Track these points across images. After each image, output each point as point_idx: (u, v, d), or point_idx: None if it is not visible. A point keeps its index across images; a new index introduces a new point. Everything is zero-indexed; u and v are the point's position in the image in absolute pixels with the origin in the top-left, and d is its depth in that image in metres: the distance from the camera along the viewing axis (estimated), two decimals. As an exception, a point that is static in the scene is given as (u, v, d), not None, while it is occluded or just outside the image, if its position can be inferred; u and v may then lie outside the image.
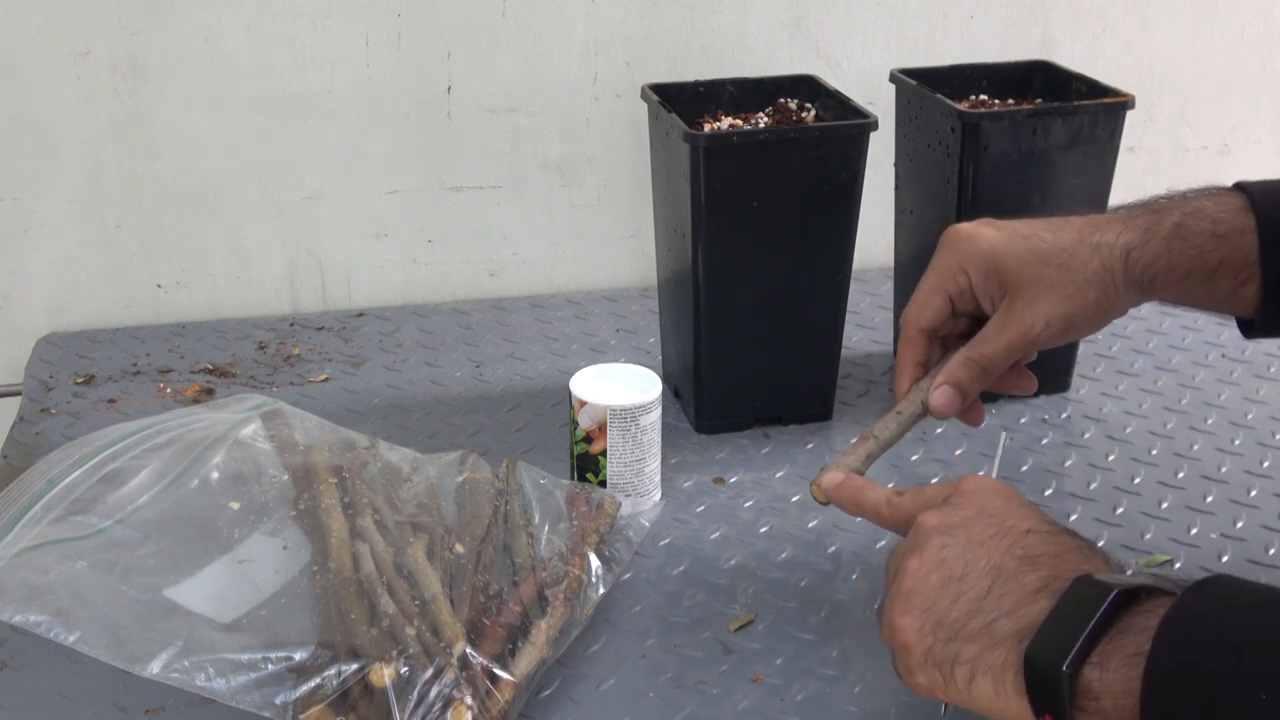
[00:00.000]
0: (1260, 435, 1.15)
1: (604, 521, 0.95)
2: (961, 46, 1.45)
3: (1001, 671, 0.63)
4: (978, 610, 0.66)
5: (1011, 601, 0.65)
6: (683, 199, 1.08)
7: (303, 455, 0.95)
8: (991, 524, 0.69)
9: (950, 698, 0.67)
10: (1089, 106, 1.11)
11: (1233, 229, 0.83)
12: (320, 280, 1.41)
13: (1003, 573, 0.66)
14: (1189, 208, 0.84)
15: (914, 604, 0.68)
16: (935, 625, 0.66)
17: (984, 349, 0.85)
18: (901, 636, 0.68)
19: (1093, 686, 0.60)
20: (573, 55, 1.38)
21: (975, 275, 0.86)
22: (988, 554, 0.67)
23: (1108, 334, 1.33)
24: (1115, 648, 0.60)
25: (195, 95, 1.32)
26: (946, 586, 0.67)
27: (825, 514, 1.04)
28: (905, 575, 0.69)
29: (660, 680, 0.86)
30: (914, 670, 0.67)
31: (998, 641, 0.64)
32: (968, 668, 0.65)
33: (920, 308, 0.88)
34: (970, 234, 0.86)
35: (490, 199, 1.42)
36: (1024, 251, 0.84)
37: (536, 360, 1.29)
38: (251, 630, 0.79)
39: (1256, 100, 1.56)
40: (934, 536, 0.69)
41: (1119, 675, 0.59)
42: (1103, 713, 0.60)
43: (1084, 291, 0.83)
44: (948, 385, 0.86)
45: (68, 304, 1.37)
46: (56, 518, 0.85)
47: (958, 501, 0.71)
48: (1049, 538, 0.68)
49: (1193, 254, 0.83)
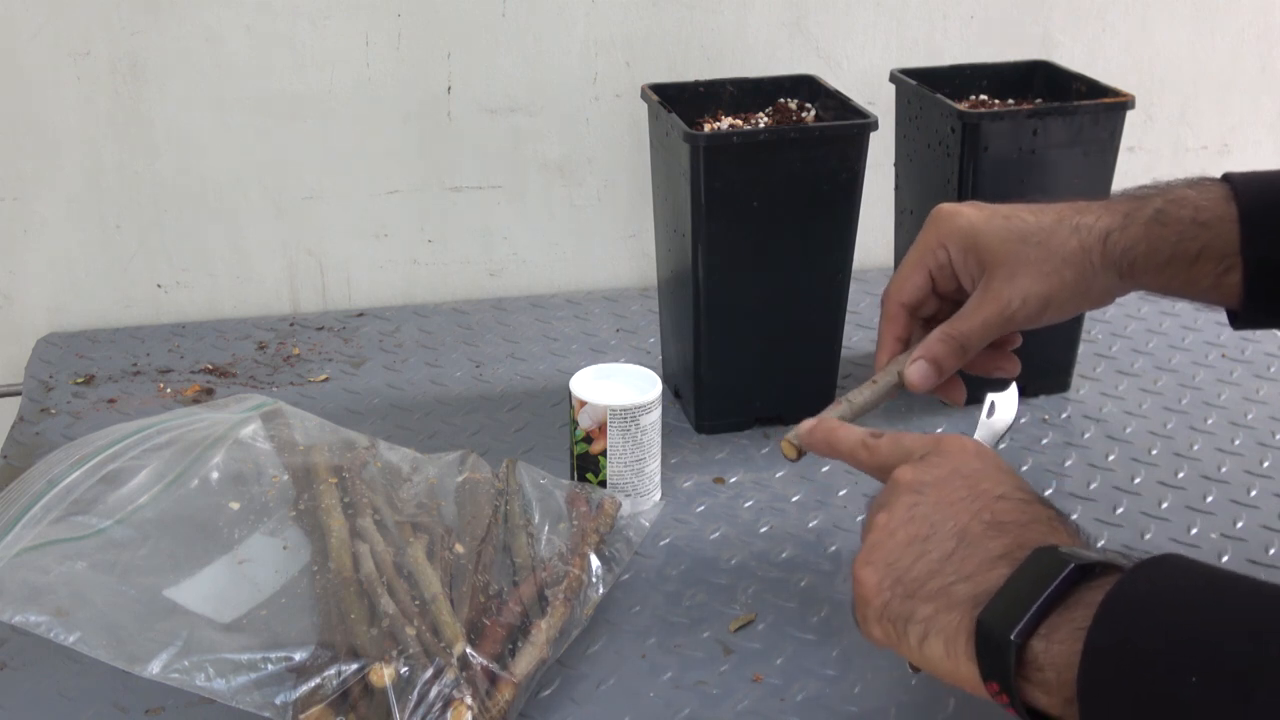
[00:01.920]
0: (1260, 435, 1.15)
1: (604, 521, 0.95)
2: (961, 46, 1.45)
3: (954, 635, 0.64)
4: (938, 571, 0.66)
5: (972, 566, 0.65)
6: (683, 199, 1.08)
7: (303, 455, 0.95)
8: (965, 486, 0.68)
9: (903, 654, 0.67)
10: (1089, 106, 1.11)
11: (1214, 217, 0.83)
12: (320, 280, 1.41)
13: (968, 536, 0.66)
14: (1171, 195, 0.85)
15: (876, 557, 0.68)
16: (895, 581, 0.66)
17: (961, 325, 0.86)
18: (861, 589, 0.68)
19: (1038, 658, 0.60)
20: (573, 55, 1.38)
21: (954, 251, 0.86)
22: (956, 516, 0.67)
23: (1108, 334, 1.33)
24: (1064, 621, 0.60)
25: (195, 95, 1.32)
26: (911, 544, 0.67)
27: (825, 514, 1.04)
28: (874, 529, 0.69)
29: (660, 680, 0.86)
30: (870, 621, 0.68)
31: (953, 604, 0.64)
32: (921, 627, 0.65)
33: (901, 283, 0.88)
34: (952, 212, 0.87)
35: (490, 199, 1.42)
36: (1003, 229, 0.85)
37: (536, 360, 1.29)
38: (251, 630, 0.79)
39: (1256, 100, 1.56)
40: (906, 493, 0.69)
41: (1063, 648, 0.59)
42: (1046, 684, 0.60)
43: (1061, 270, 0.84)
44: (924, 360, 0.86)
45: (68, 304, 1.37)
46: (56, 518, 0.85)
47: (934, 459, 0.71)
48: (1020, 505, 0.67)
49: (1173, 240, 0.83)
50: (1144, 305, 1.39)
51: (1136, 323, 1.36)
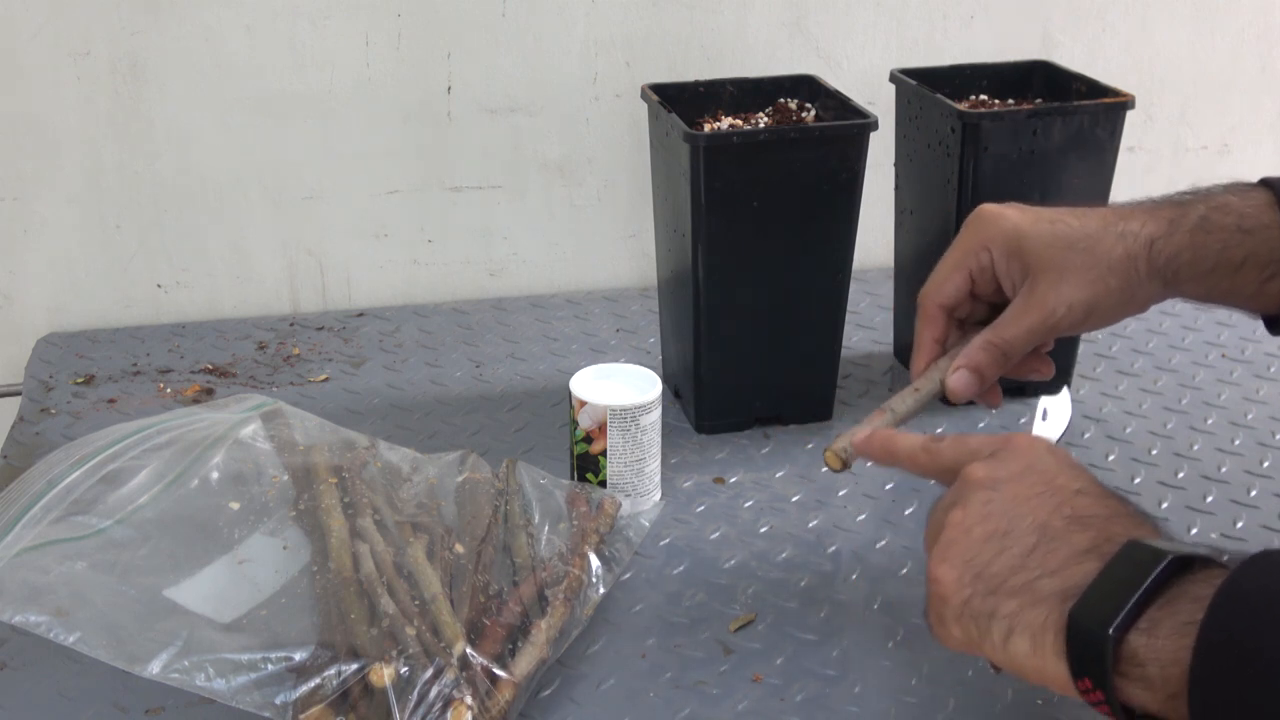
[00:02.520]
0: (1260, 435, 1.15)
1: (604, 521, 0.95)
2: (961, 46, 1.45)
3: (1041, 630, 0.62)
4: (1021, 567, 0.64)
5: (1057, 560, 0.63)
6: (683, 199, 1.08)
7: (303, 455, 0.95)
8: (1040, 481, 0.67)
9: (984, 653, 0.65)
10: (1089, 106, 1.11)
11: (1259, 224, 0.82)
12: (320, 280, 1.41)
13: (1049, 531, 0.65)
14: (1214, 202, 0.84)
15: (954, 554, 0.66)
16: (975, 578, 0.65)
17: (1004, 333, 0.85)
18: (939, 587, 0.66)
19: (1138, 653, 0.58)
20: (573, 55, 1.38)
21: (998, 255, 0.85)
22: (1034, 511, 0.66)
23: (1108, 334, 1.33)
24: (1165, 615, 0.58)
25: (195, 95, 1.32)
26: (990, 540, 0.66)
27: (825, 514, 1.04)
28: (948, 526, 0.68)
29: (660, 680, 0.86)
30: (948, 621, 0.66)
31: (1039, 600, 0.63)
32: (1005, 623, 0.63)
33: (940, 283, 0.87)
34: (996, 214, 0.86)
35: (490, 199, 1.42)
36: (1048, 235, 0.84)
37: (536, 360, 1.29)
38: (251, 630, 0.79)
39: (1256, 100, 1.56)
40: (980, 490, 0.68)
41: (1168, 643, 0.58)
42: (1146, 680, 0.58)
43: (1107, 278, 0.83)
44: (966, 369, 0.85)
45: (68, 304, 1.37)
46: (56, 518, 0.85)
47: (1005, 456, 0.70)
48: (1100, 500, 0.66)
49: (1217, 248, 0.82)
50: (1144, 305, 1.39)
51: (1136, 323, 1.36)
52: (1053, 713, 0.83)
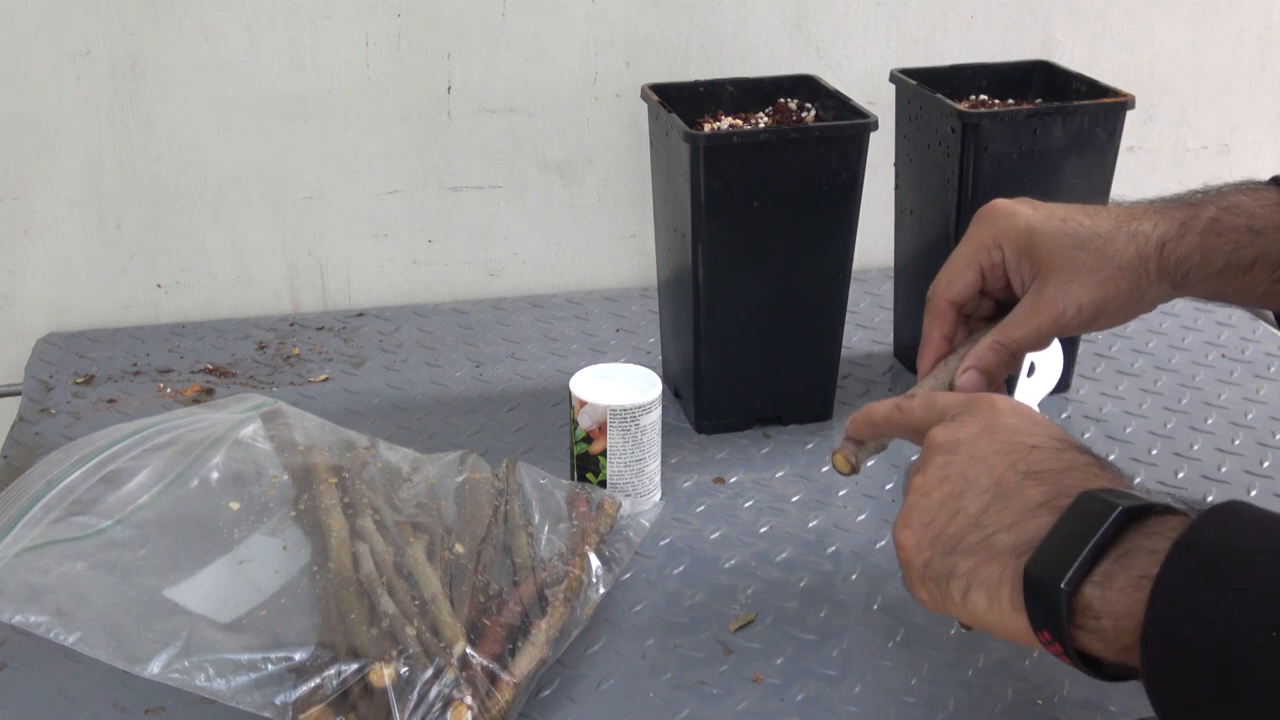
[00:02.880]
0: (1260, 435, 1.15)
1: (604, 521, 0.95)
2: (961, 46, 1.45)
3: (997, 585, 0.63)
4: (976, 525, 0.65)
5: (1011, 516, 0.64)
6: (683, 199, 1.08)
7: (303, 455, 0.95)
8: (996, 440, 0.68)
9: (948, 612, 0.66)
10: (1089, 106, 1.11)
11: (1269, 225, 0.82)
12: (320, 280, 1.41)
13: (1003, 487, 0.65)
14: (1225, 203, 0.83)
15: (914, 519, 0.67)
16: (933, 540, 0.66)
17: (1013, 333, 0.84)
18: (902, 552, 0.68)
19: (1093, 605, 0.59)
20: (573, 55, 1.38)
21: (1009, 251, 0.85)
22: (990, 469, 0.66)
23: (1108, 334, 1.33)
24: (1119, 568, 0.59)
25: (195, 95, 1.32)
26: (947, 502, 0.67)
27: (825, 514, 1.04)
28: (910, 492, 0.69)
29: (660, 680, 0.86)
30: (915, 585, 0.67)
31: (994, 555, 0.64)
32: (963, 581, 0.64)
33: (951, 279, 0.87)
34: (1008, 210, 0.86)
35: (490, 199, 1.42)
36: (1060, 233, 0.83)
37: (536, 360, 1.29)
38: (251, 630, 0.80)
39: (1256, 100, 1.56)
40: (939, 453, 0.69)
41: (1122, 596, 0.58)
42: (1101, 632, 0.59)
43: (1117, 279, 0.82)
44: (975, 370, 0.85)
45: (68, 304, 1.37)
46: (56, 518, 0.85)
47: (966, 418, 0.70)
48: (1056, 454, 0.66)
49: (1228, 249, 0.82)
50: (1144, 305, 1.39)
51: (1136, 322, 1.36)
52: (1053, 713, 0.83)
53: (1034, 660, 0.87)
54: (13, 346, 1.36)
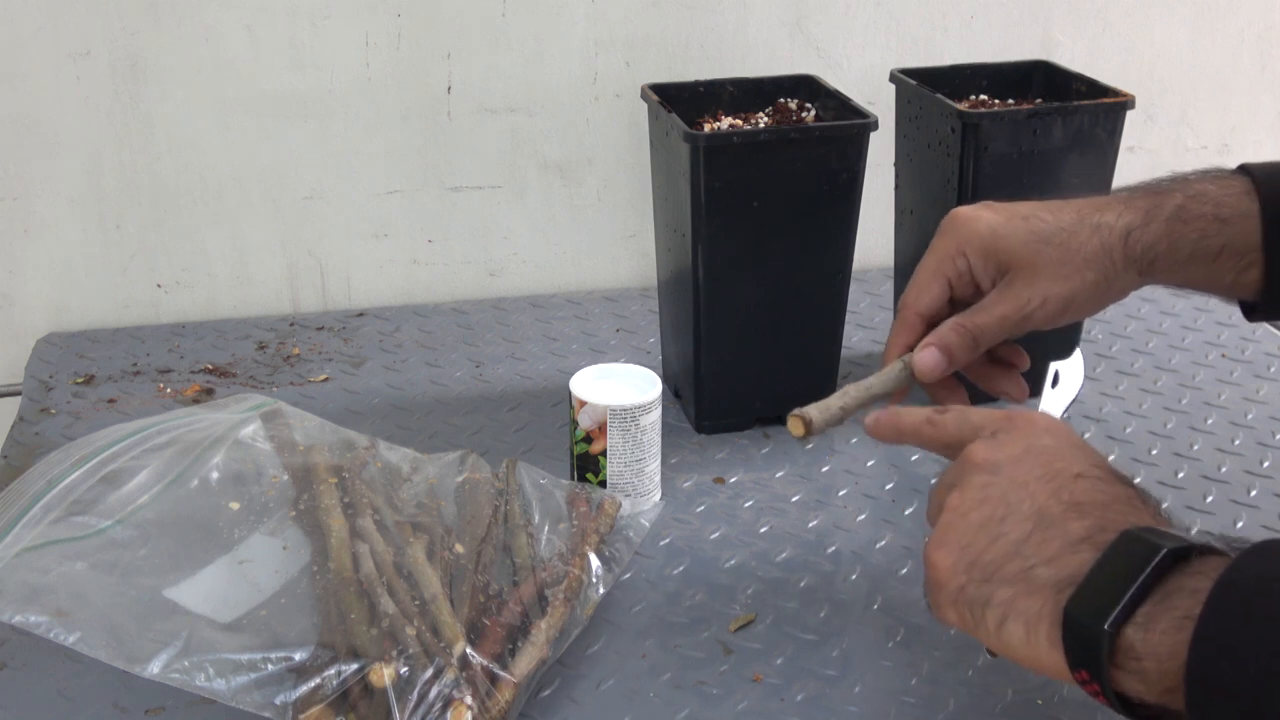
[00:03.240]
0: (1260, 435, 1.15)
1: (604, 521, 0.95)
2: (961, 46, 1.45)
3: (1036, 621, 0.62)
4: (1016, 554, 0.64)
5: (1053, 549, 0.63)
6: (683, 199, 1.08)
7: (303, 455, 0.95)
8: (1039, 464, 0.67)
9: (978, 638, 0.65)
10: (1089, 106, 1.11)
11: (1236, 213, 0.82)
12: (320, 280, 1.41)
13: (1046, 517, 0.64)
14: (1191, 190, 0.83)
15: (951, 539, 0.66)
16: (970, 564, 0.65)
17: (977, 318, 0.85)
18: (935, 573, 0.66)
19: (1135, 647, 0.58)
20: (573, 55, 1.38)
21: (975, 258, 0.85)
22: (1032, 496, 0.65)
23: (1108, 334, 1.33)
24: (1162, 610, 0.58)
25: (195, 95, 1.32)
26: (986, 526, 0.65)
27: (825, 514, 1.04)
28: (946, 510, 0.67)
29: (660, 680, 0.86)
30: (944, 606, 0.66)
31: (1035, 589, 0.63)
32: (999, 611, 0.63)
33: (920, 292, 0.87)
34: (969, 217, 0.86)
35: (490, 199, 1.42)
36: (1023, 232, 0.84)
37: (536, 360, 1.29)
38: (251, 630, 0.79)
39: (1256, 100, 1.56)
40: (978, 473, 0.67)
41: (1165, 638, 0.58)
42: (1143, 673, 0.58)
43: (1083, 271, 0.83)
44: (935, 347, 0.85)
45: (68, 304, 1.37)
46: (56, 518, 0.85)
47: (1006, 437, 0.69)
48: (1099, 484, 0.66)
49: (1194, 237, 0.82)
50: (1144, 305, 1.39)
51: (1136, 323, 1.36)
52: (1053, 713, 0.83)
53: (1034, 660, 0.87)
54: (13, 346, 1.36)
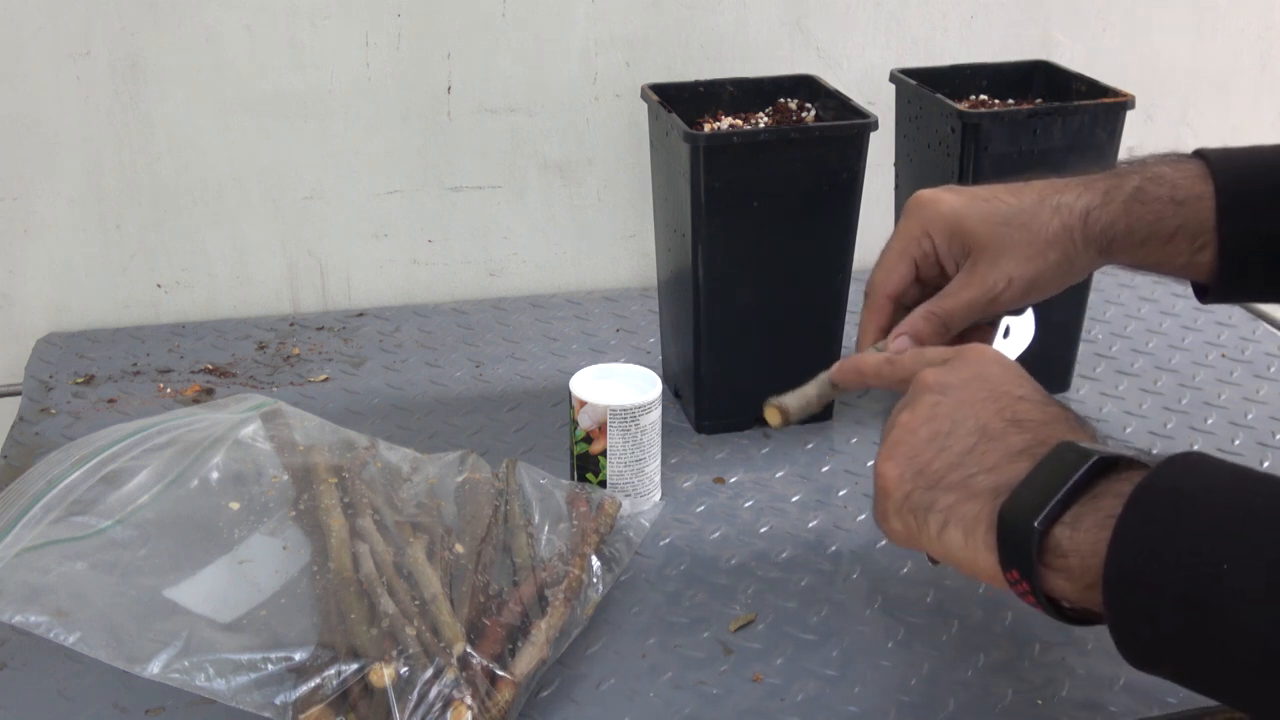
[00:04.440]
0: (1260, 435, 1.15)
1: (604, 522, 0.95)
2: (961, 46, 1.45)
3: (973, 523, 0.66)
4: (959, 464, 0.68)
5: (993, 459, 0.67)
6: (683, 199, 1.08)
7: (303, 455, 0.95)
8: (985, 387, 0.71)
9: (920, 545, 0.69)
10: (1089, 106, 1.11)
11: (1190, 195, 0.84)
12: (320, 280, 1.41)
13: (989, 432, 0.68)
14: (1149, 173, 0.85)
15: (899, 452, 0.70)
16: (916, 474, 0.69)
17: (946, 304, 0.86)
18: (882, 482, 0.70)
19: (1062, 545, 0.62)
20: (573, 55, 1.38)
21: (939, 239, 0.87)
22: (977, 414, 0.69)
23: (1108, 334, 1.33)
24: (1088, 510, 0.62)
25: (195, 95, 1.32)
26: (933, 440, 0.69)
27: (825, 514, 1.04)
28: (897, 427, 0.72)
29: (660, 680, 0.86)
30: (890, 515, 0.70)
31: (974, 495, 0.67)
32: (941, 516, 0.67)
33: (886, 274, 0.89)
34: (932, 199, 0.88)
35: (490, 199, 1.42)
36: (985, 213, 0.85)
37: (536, 360, 1.29)
38: (251, 630, 0.80)
39: (1256, 100, 1.56)
40: (928, 393, 0.72)
41: (1088, 535, 0.61)
42: (1068, 570, 0.62)
43: (1046, 252, 0.85)
44: (907, 335, 0.86)
45: (68, 304, 1.37)
46: (56, 518, 0.85)
47: (956, 364, 0.73)
48: (1040, 406, 0.70)
49: (1151, 219, 0.84)
50: (1144, 305, 1.39)
51: (1136, 323, 1.36)
52: (1053, 713, 0.83)
53: (1034, 660, 0.87)
54: (13, 346, 1.36)
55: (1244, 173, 0.85)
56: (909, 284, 0.89)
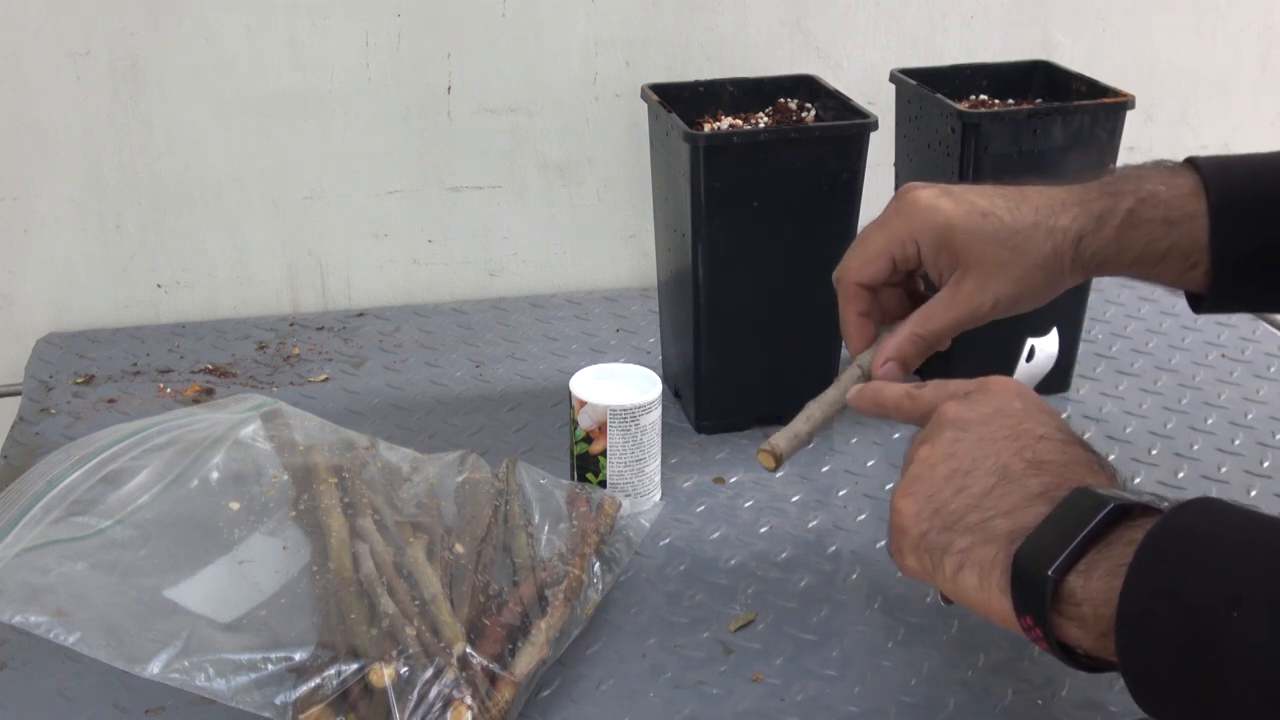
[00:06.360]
0: (1260, 435, 1.15)
1: (604, 522, 0.95)
2: (961, 46, 1.45)
3: (989, 568, 0.66)
4: (977, 506, 0.67)
5: (1011, 502, 0.67)
6: (683, 199, 1.08)
7: (303, 455, 0.95)
8: (1007, 425, 0.70)
9: (936, 584, 0.69)
10: (1089, 106, 1.11)
11: (1183, 215, 0.83)
12: (320, 280, 1.41)
13: (1008, 473, 0.68)
14: (1143, 193, 0.84)
15: (917, 489, 0.70)
16: (933, 513, 0.68)
17: (931, 326, 0.86)
18: (899, 519, 0.70)
19: (1075, 593, 0.62)
20: (573, 55, 1.38)
21: (926, 248, 0.86)
22: (997, 453, 0.69)
23: (1108, 334, 1.33)
24: (1102, 558, 0.62)
25: (195, 95, 1.32)
26: (951, 478, 0.69)
27: (825, 514, 1.04)
28: (915, 462, 0.71)
29: (660, 680, 0.86)
30: (905, 552, 0.70)
31: (990, 538, 0.66)
32: (957, 558, 0.67)
33: (863, 265, 0.88)
34: (927, 206, 0.86)
35: (490, 199, 1.42)
36: (980, 230, 0.84)
37: (536, 360, 1.29)
38: (251, 630, 0.79)
39: (1256, 100, 1.56)
40: (949, 429, 0.71)
41: (1101, 584, 0.61)
42: (1081, 618, 0.62)
43: (1033, 275, 0.84)
44: (894, 362, 0.86)
45: (68, 304, 1.37)
46: (56, 518, 0.85)
47: (978, 398, 0.73)
48: (1060, 446, 0.69)
49: (1143, 241, 0.84)
50: (1144, 305, 1.39)
51: (1136, 323, 1.36)
52: (1053, 713, 0.83)
53: (1034, 660, 0.87)
54: (13, 346, 1.36)
55: (1237, 186, 0.83)
56: (884, 278, 0.88)
